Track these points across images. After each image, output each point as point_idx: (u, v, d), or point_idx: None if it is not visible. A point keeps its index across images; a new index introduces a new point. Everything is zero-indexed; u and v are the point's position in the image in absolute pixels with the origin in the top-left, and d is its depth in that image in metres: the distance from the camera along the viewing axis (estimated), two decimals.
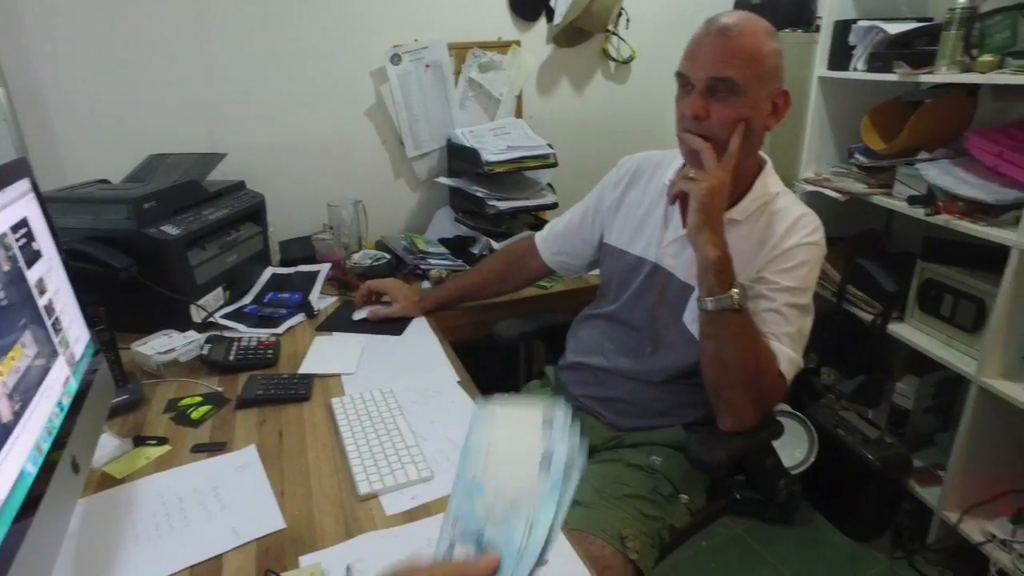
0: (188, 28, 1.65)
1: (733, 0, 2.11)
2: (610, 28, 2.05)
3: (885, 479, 1.68)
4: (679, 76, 1.01)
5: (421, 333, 1.38)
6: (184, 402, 1.11)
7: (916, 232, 1.68)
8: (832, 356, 2.03)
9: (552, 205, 1.83)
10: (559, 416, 0.64)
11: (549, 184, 1.88)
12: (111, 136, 1.66)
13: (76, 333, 0.85)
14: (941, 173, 1.54)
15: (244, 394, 1.11)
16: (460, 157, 1.89)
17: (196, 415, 1.07)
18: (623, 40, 2.09)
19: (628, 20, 2.06)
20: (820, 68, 1.85)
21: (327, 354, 1.28)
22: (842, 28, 1.77)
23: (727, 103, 0.97)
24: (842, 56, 1.78)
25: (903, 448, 1.72)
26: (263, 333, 1.33)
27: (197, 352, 1.23)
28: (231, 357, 1.21)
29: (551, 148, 1.82)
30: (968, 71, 1.43)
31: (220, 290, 1.44)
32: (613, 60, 2.12)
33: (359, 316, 1.43)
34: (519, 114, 2.05)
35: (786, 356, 1.00)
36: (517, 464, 0.62)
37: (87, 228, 1.27)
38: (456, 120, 1.97)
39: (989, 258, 1.45)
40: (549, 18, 2.00)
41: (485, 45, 1.94)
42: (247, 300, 1.50)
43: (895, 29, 1.63)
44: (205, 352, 1.22)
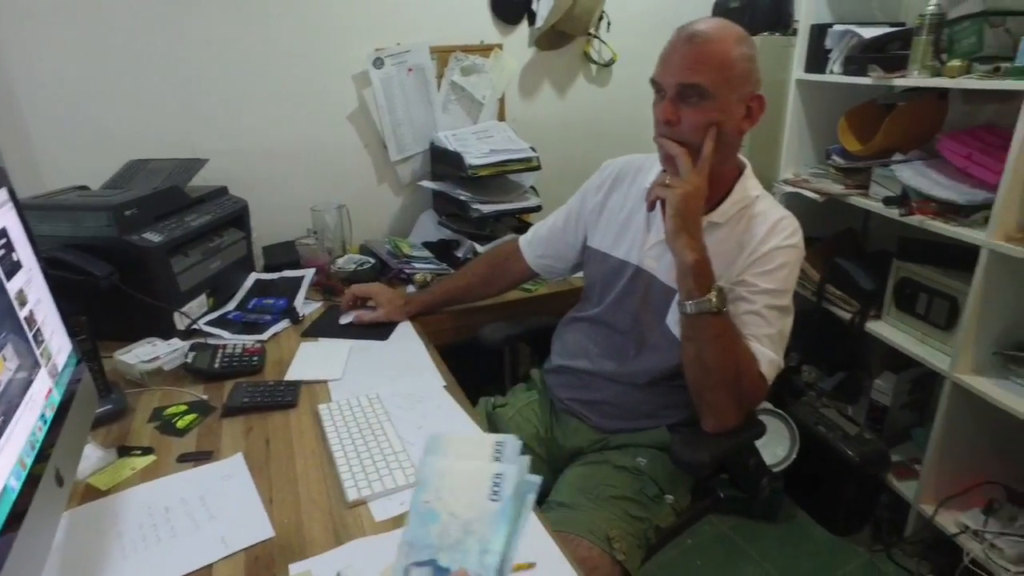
0: (167, 31, 1.64)
1: (712, 4, 2.13)
2: (591, 31, 2.07)
3: (864, 474, 1.72)
4: (653, 83, 1.03)
5: (406, 337, 1.38)
6: (169, 411, 1.10)
7: (892, 231, 1.72)
8: (812, 354, 2.07)
9: (536, 208, 1.84)
10: (509, 442, 0.66)
11: (532, 187, 1.89)
12: (89, 141, 1.64)
13: (58, 344, 0.85)
14: (915, 174, 1.57)
15: (230, 402, 1.11)
16: (443, 161, 1.89)
17: (181, 424, 1.06)
18: (604, 43, 2.11)
19: (609, 23, 2.08)
20: (797, 71, 1.88)
21: (313, 360, 1.28)
22: (818, 32, 1.80)
23: (697, 108, 0.98)
24: (819, 59, 1.81)
25: (881, 444, 1.76)
26: (248, 340, 1.32)
27: (181, 360, 1.23)
28: (216, 364, 1.21)
29: (534, 151, 1.83)
30: (938, 75, 1.47)
31: (204, 297, 1.43)
32: (595, 63, 2.14)
33: (344, 321, 1.43)
34: (502, 117, 2.06)
35: (766, 357, 1.02)
36: (469, 489, 0.63)
37: (66, 236, 1.26)
38: (439, 123, 1.97)
39: (961, 257, 1.49)
40: (531, 21, 2.01)
41: (467, 48, 1.95)
42: (231, 306, 1.49)
43: (869, 33, 1.67)
44: (189, 360, 1.21)
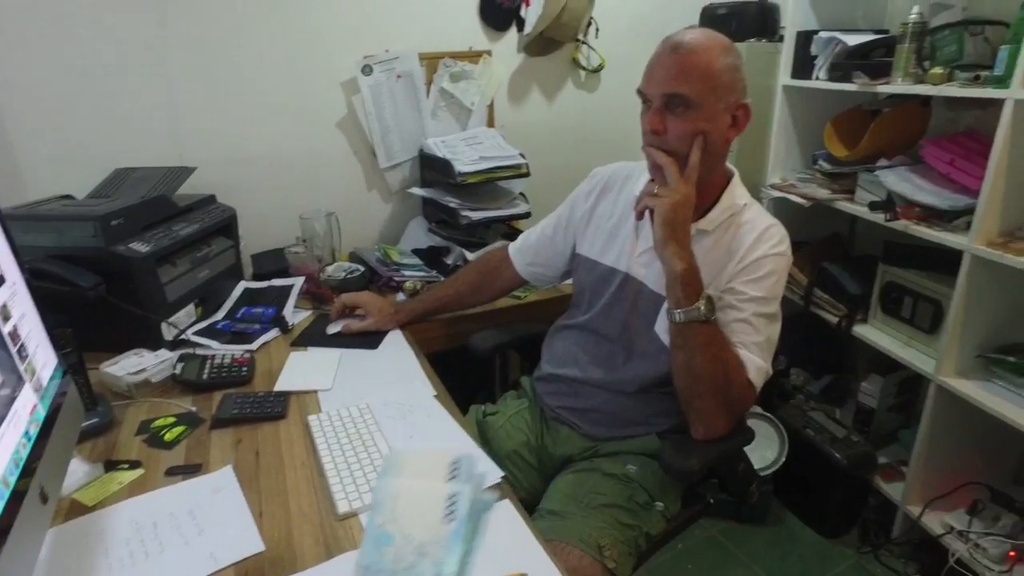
0: (153, 39, 1.63)
1: (699, 10, 2.15)
2: (580, 37, 2.08)
3: (852, 477, 1.74)
4: (640, 93, 1.04)
5: (396, 346, 1.38)
6: (157, 423, 1.09)
7: (878, 236, 1.74)
8: (801, 358, 2.08)
9: (525, 214, 1.84)
10: (465, 461, 0.67)
11: (522, 194, 1.89)
12: (74, 149, 1.63)
13: (43, 358, 0.84)
14: (899, 180, 1.59)
15: (219, 413, 1.10)
16: (433, 168, 1.89)
17: (169, 436, 1.05)
18: (593, 49, 2.12)
19: (597, 30, 2.09)
20: (784, 77, 1.90)
21: (303, 370, 1.27)
22: (804, 39, 1.83)
23: (683, 118, 0.99)
24: (805, 66, 1.83)
25: (868, 446, 1.78)
26: (237, 350, 1.31)
27: (169, 371, 1.22)
28: (204, 375, 1.20)
29: (523, 158, 1.84)
30: (921, 82, 1.49)
31: (192, 307, 1.42)
32: (583, 69, 2.15)
33: (333, 330, 1.43)
34: (491, 123, 2.06)
35: (755, 364, 1.03)
36: (424, 510, 0.63)
37: (51, 247, 1.24)
38: (428, 130, 1.97)
39: (946, 261, 1.51)
40: (519, 28, 2.02)
41: (456, 55, 1.95)
42: (220, 316, 1.48)
43: (854, 41, 1.69)
44: (177, 371, 1.20)
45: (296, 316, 1.50)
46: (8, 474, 0.66)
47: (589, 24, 2.07)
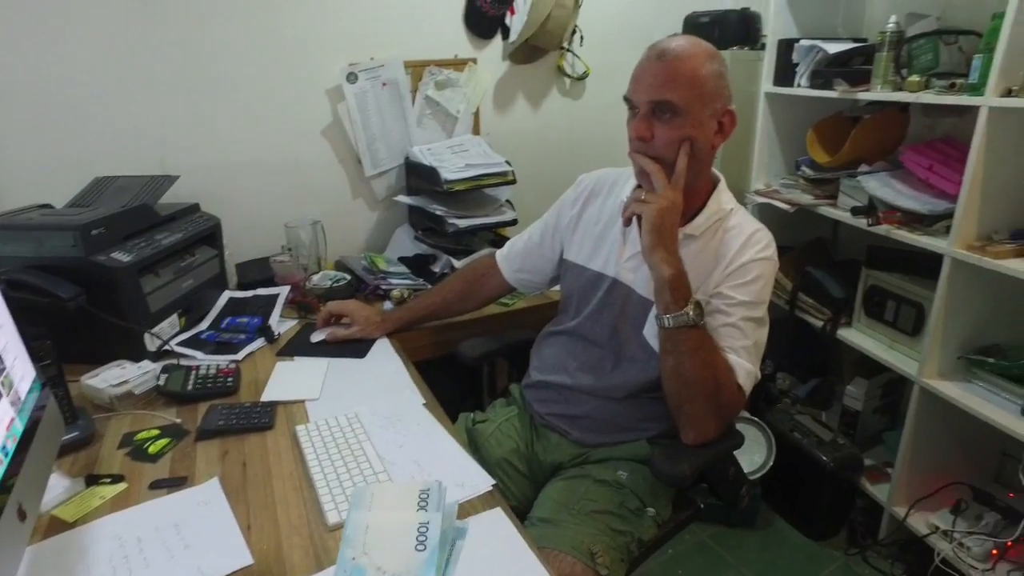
0: (134, 44, 1.61)
1: (682, 19, 2.17)
2: (564, 45, 2.09)
3: (838, 479, 1.75)
4: (626, 100, 1.05)
5: (384, 355, 1.37)
6: (140, 436, 1.07)
7: (861, 240, 1.76)
8: (787, 362, 2.10)
9: (512, 222, 1.84)
10: (434, 489, 0.67)
11: (508, 201, 1.90)
12: (53, 157, 1.60)
13: (20, 371, 0.82)
14: (880, 185, 1.62)
15: (204, 425, 1.08)
16: (419, 175, 1.89)
17: (154, 449, 1.03)
18: (577, 57, 2.13)
19: (582, 37, 2.10)
20: (766, 84, 1.93)
21: (289, 380, 1.26)
22: (786, 47, 1.86)
23: (670, 124, 1.00)
24: (787, 73, 1.86)
25: (854, 448, 1.79)
26: (222, 360, 1.30)
27: (153, 383, 1.19)
28: (189, 387, 1.18)
29: (509, 165, 1.84)
30: (899, 90, 1.52)
31: (175, 317, 1.40)
32: (568, 76, 2.16)
33: (318, 338, 1.41)
34: (476, 131, 2.06)
35: (744, 369, 1.03)
36: (395, 541, 0.64)
37: (29, 257, 1.22)
38: (414, 138, 1.97)
39: (927, 265, 1.53)
40: (504, 36, 2.03)
41: (441, 63, 1.95)
42: (204, 326, 1.46)
43: (834, 49, 1.72)
44: (161, 382, 1.18)
45: (282, 326, 1.48)
46: None
47: (574, 32, 2.08)
